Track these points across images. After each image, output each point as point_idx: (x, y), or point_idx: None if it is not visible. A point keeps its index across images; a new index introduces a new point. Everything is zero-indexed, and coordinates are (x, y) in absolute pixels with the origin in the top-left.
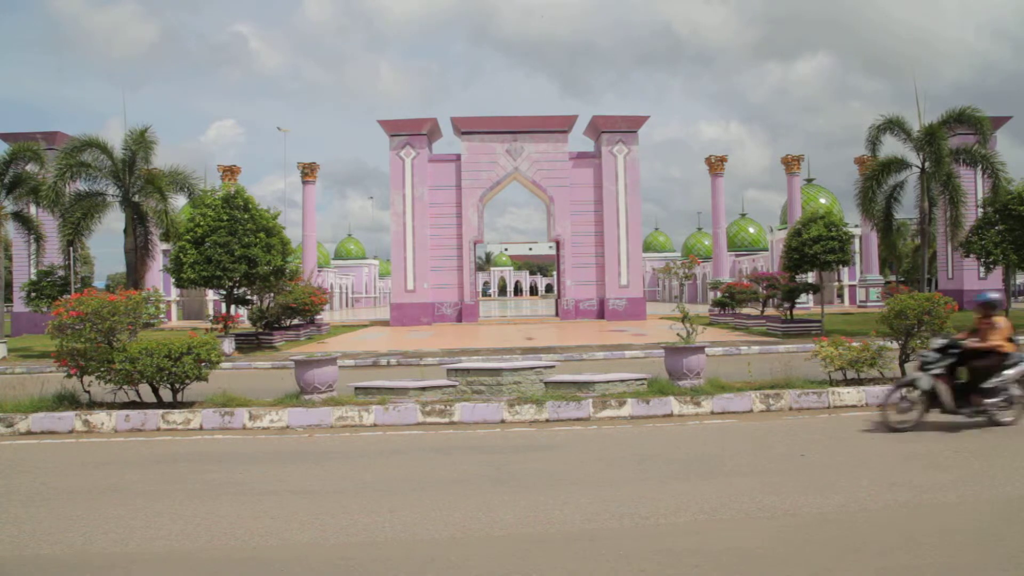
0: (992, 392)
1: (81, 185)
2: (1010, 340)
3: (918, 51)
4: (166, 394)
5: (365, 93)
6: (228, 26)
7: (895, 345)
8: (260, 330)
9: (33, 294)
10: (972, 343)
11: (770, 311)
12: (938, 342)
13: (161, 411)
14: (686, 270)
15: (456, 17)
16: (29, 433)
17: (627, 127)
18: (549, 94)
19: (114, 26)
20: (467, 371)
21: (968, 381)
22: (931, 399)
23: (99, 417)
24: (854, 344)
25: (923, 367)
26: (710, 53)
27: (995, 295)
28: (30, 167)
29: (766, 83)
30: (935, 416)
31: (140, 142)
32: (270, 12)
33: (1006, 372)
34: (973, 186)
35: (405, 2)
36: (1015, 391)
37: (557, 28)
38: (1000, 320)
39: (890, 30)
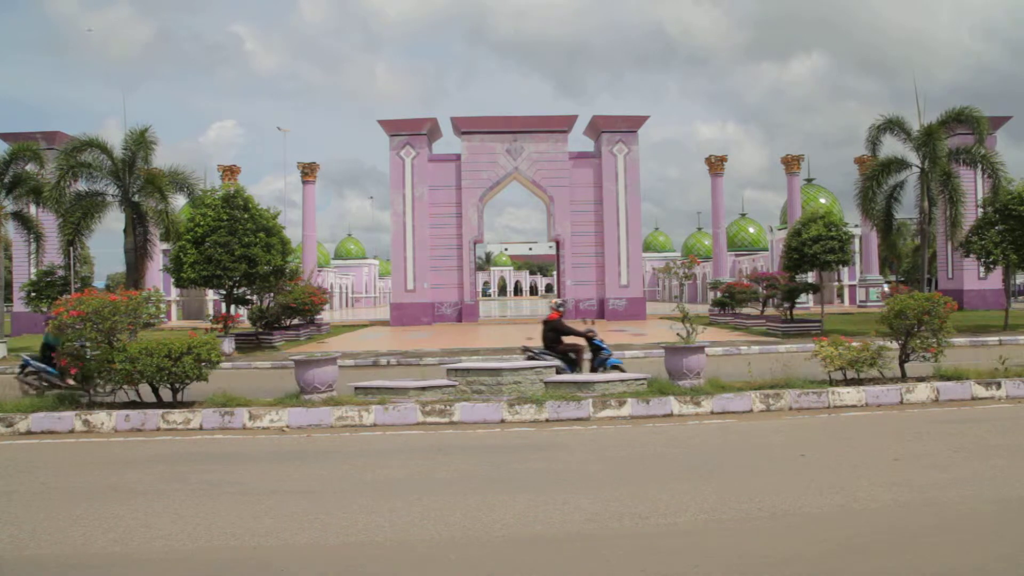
0: None
1: (81, 185)
2: None
3: (912, 52)
4: (166, 394)
5: (362, 93)
6: (224, 27)
7: (895, 345)
8: (260, 330)
9: (33, 294)
10: None
11: (770, 311)
12: None
13: (161, 411)
14: (686, 270)
15: (451, 18)
16: (29, 433)
17: (627, 127)
18: (544, 95)
19: (110, 27)
20: (467, 371)
21: None
22: None
23: (99, 417)
24: (854, 344)
25: None
26: (703, 54)
27: None
28: (30, 167)
29: (761, 83)
30: (936, 413)
31: (140, 142)
32: (265, 13)
33: None
34: (973, 186)
35: (400, 3)
36: None
37: (551, 29)
38: None
39: (883, 31)
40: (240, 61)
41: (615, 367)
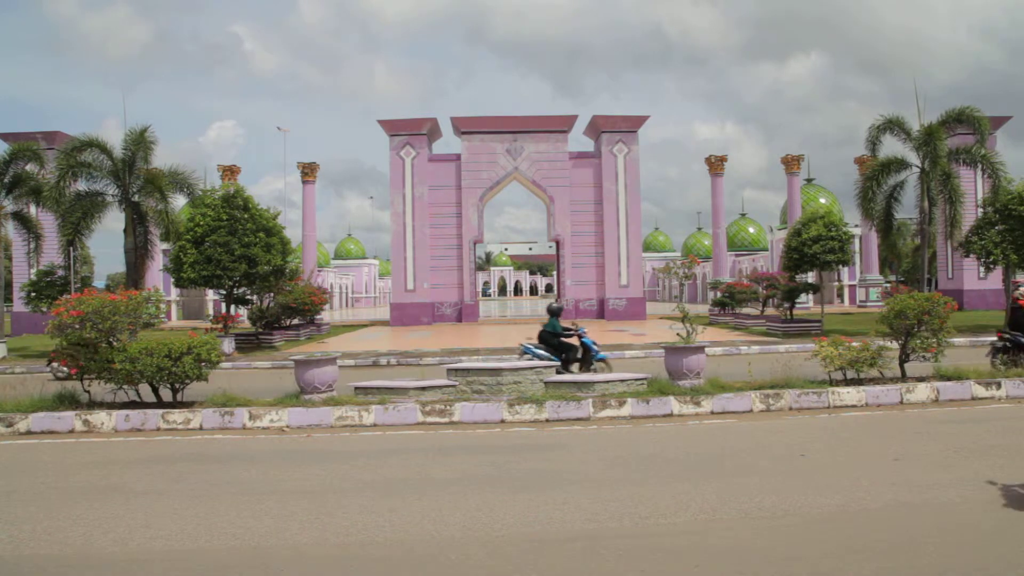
0: None
1: (81, 185)
2: None
3: (911, 52)
4: (166, 394)
5: (361, 93)
6: (223, 27)
7: (895, 345)
8: (260, 330)
9: (33, 294)
10: None
11: (770, 311)
12: None
13: (161, 411)
14: (686, 270)
15: (450, 18)
16: (29, 433)
17: (627, 127)
18: (544, 95)
19: (109, 28)
20: (467, 371)
21: None
22: None
23: (99, 417)
24: (854, 344)
25: None
26: (702, 54)
27: None
28: (30, 167)
29: (760, 84)
30: (936, 413)
31: (140, 142)
32: (265, 13)
33: None
34: (973, 186)
35: (399, 3)
36: None
37: (550, 29)
38: None
39: (882, 31)
40: (240, 61)
41: None
